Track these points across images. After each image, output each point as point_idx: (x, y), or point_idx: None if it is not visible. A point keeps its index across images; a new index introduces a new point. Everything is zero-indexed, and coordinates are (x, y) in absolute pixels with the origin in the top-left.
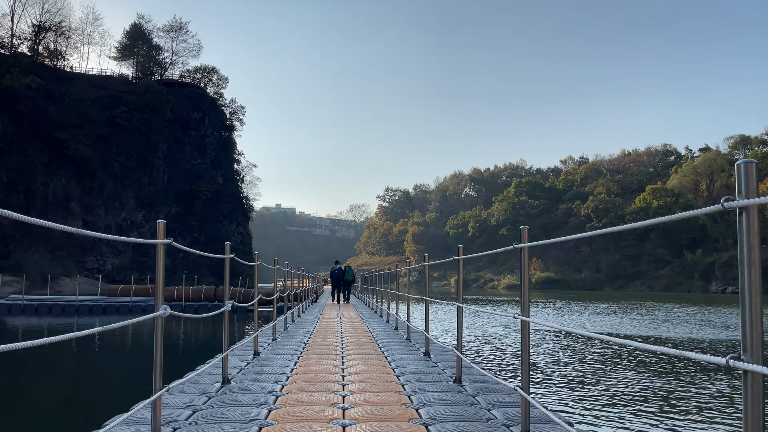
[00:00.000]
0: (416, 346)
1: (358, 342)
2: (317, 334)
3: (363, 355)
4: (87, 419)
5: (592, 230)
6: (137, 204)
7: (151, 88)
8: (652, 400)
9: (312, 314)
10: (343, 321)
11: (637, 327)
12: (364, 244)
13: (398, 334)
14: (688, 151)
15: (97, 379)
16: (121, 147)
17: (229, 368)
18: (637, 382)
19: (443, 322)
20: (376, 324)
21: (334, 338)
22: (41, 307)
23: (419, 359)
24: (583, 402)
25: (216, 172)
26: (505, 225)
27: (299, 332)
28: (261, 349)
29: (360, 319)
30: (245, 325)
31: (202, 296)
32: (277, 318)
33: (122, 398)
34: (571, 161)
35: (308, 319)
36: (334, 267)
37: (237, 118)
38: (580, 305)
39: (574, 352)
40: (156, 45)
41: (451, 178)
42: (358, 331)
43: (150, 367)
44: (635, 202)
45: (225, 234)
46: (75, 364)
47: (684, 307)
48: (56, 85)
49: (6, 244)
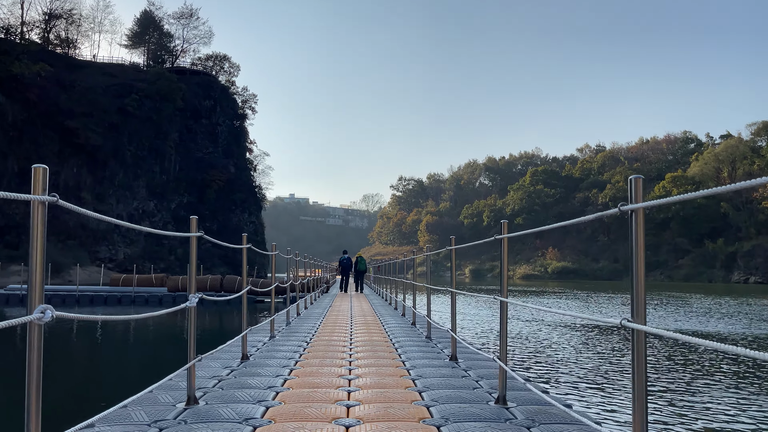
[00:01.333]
0: (438, 347)
1: (370, 341)
2: (323, 330)
3: (375, 360)
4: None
5: (609, 219)
6: (149, 193)
7: (161, 76)
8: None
9: (320, 306)
10: (354, 314)
11: (682, 321)
12: (377, 233)
13: (416, 331)
14: (709, 138)
15: (111, 364)
16: (133, 135)
17: (207, 378)
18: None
19: (464, 316)
20: (390, 318)
21: (342, 336)
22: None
23: (444, 365)
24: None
25: (228, 161)
26: (521, 214)
27: (303, 327)
28: (253, 350)
29: (372, 312)
30: (257, 314)
31: (207, 286)
32: (280, 311)
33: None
34: (588, 149)
35: (315, 312)
36: (343, 257)
37: (249, 106)
38: (603, 296)
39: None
40: (167, 32)
41: (465, 167)
42: (370, 327)
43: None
44: (654, 191)
45: (237, 223)
46: (79, 351)
47: (715, 298)
48: (67, 74)
49: (17, 233)
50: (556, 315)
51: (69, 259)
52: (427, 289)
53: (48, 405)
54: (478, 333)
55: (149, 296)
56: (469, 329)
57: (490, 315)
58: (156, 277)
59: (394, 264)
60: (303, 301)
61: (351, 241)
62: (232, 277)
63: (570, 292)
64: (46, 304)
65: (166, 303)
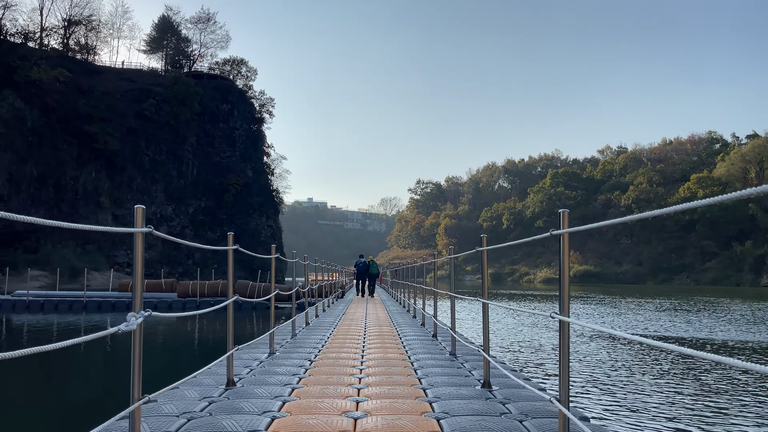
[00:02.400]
0: (466, 367)
1: (384, 359)
2: (332, 344)
3: (389, 388)
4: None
5: (632, 221)
6: (167, 197)
7: (179, 80)
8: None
9: (333, 314)
10: (368, 323)
11: (725, 331)
12: (395, 237)
13: (438, 345)
14: (735, 138)
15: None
16: (150, 140)
17: (172, 416)
18: (698, 394)
19: (492, 325)
20: (408, 329)
21: (353, 352)
22: (47, 304)
23: (476, 395)
24: (632, 417)
25: (245, 165)
26: (541, 217)
27: (310, 340)
28: (245, 373)
29: (389, 321)
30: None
31: (219, 291)
32: (285, 321)
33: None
34: (609, 151)
35: (326, 321)
36: (359, 261)
37: (266, 110)
38: (631, 302)
39: (622, 357)
40: (185, 37)
41: (484, 170)
42: (386, 340)
43: None
44: (679, 192)
45: (255, 227)
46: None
47: (750, 303)
48: (85, 79)
49: (36, 238)
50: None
51: (87, 264)
52: (451, 298)
53: (116, 384)
54: (511, 349)
55: (158, 302)
56: (500, 346)
57: (528, 326)
58: (166, 282)
59: (413, 268)
60: (314, 309)
61: (369, 245)
62: (243, 282)
63: (598, 298)
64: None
65: (175, 309)
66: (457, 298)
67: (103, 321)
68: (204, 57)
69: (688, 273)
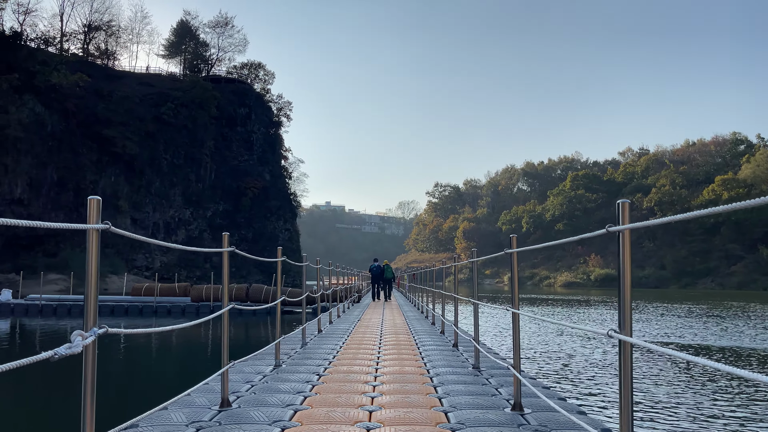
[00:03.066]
0: (491, 383)
1: (401, 374)
2: (344, 355)
3: (405, 411)
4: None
5: (653, 225)
6: (185, 201)
7: (196, 84)
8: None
9: (348, 320)
10: (384, 330)
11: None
12: (413, 241)
13: (459, 357)
14: (760, 139)
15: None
16: (169, 144)
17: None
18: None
19: (501, 330)
20: (427, 338)
21: (366, 365)
22: (60, 308)
23: (506, 420)
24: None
25: (263, 169)
26: (561, 220)
27: (321, 351)
28: (245, 390)
29: (406, 329)
30: (284, 326)
31: (233, 296)
32: (298, 327)
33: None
34: (630, 153)
35: (340, 328)
36: (373, 265)
37: (284, 113)
38: (672, 308)
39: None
40: (203, 41)
41: (503, 173)
42: (402, 351)
43: None
44: (703, 194)
45: (272, 231)
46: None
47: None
48: (105, 83)
49: (56, 242)
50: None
51: (106, 267)
52: (474, 306)
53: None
54: (536, 362)
55: (171, 306)
56: None
57: (554, 335)
58: (179, 286)
59: (431, 271)
60: (328, 314)
61: (387, 248)
62: (258, 286)
63: None
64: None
65: (189, 314)
66: (481, 305)
67: (115, 325)
68: (222, 61)
69: (712, 277)
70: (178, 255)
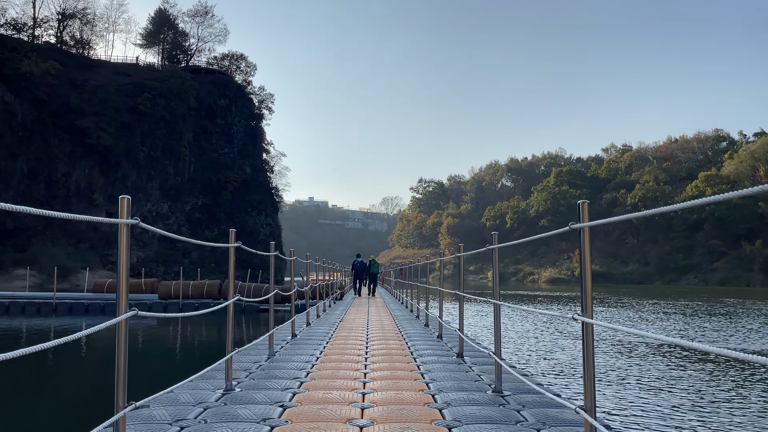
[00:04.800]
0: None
1: (397, 401)
2: (322, 371)
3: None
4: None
5: (639, 220)
6: (163, 195)
7: (174, 74)
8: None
9: (328, 321)
10: (370, 334)
11: None
12: (397, 236)
13: (465, 371)
14: (742, 136)
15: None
16: (146, 136)
17: None
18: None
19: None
20: (422, 343)
21: (350, 385)
22: (12, 306)
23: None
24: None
25: (244, 162)
26: (546, 215)
27: (291, 364)
28: (191, 417)
29: (395, 331)
30: (260, 327)
31: (204, 293)
32: (276, 326)
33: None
34: (614, 149)
35: (319, 331)
36: (356, 261)
37: (266, 106)
38: (648, 303)
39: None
40: (182, 31)
41: (486, 169)
42: (395, 360)
43: None
44: (687, 190)
45: (254, 226)
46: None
47: None
48: (79, 73)
49: (27, 236)
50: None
51: (78, 263)
52: (459, 299)
53: (106, 390)
54: (520, 354)
55: (136, 304)
56: (510, 351)
57: (538, 329)
58: (146, 282)
59: (420, 267)
60: (306, 315)
61: (371, 244)
62: (235, 282)
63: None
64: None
65: (156, 312)
66: (467, 298)
67: (75, 325)
68: (202, 52)
69: (696, 273)
70: (155, 250)
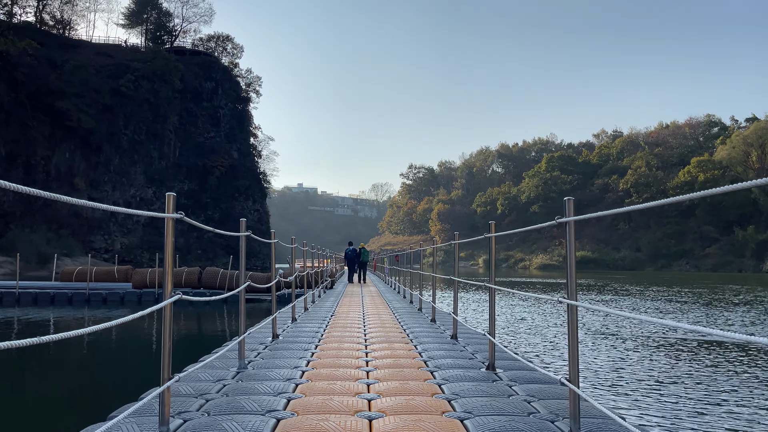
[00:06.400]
0: (446, 332)
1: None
2: (309, 399)
3: None
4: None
5: (632, 205)
6: (147, 180)
7: (158, 55)
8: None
9: (317, 317)
10: (368, 331)
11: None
12: (387, 223)
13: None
14: (734, 121)
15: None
16: (129, 119)
17: None
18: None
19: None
20: (428, 339)
21: (352, 417)
22: (6, 296)
23: None
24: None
25: (231, 146)
26: (537, 202)
27: (267, 384)
28: None
29: (396, 325)
30: (251, 317)
31: (183, 281)
32: (260, 321)
33: None
34: (605, 135)
35: (307, 329)
36: (348, 248)
37: (253, 89)
38: (638, 289)
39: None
40: (166, 11)
41: (477, 155)
42: (405, 374)
43: None
44: (679, 176)
45: (241, 211)
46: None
47: None
48: (59, 53)
49: (5, 222)
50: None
51: (59, 249)
52: (490, 291)
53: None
54: (515, 336)
55: (108, 294)
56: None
57: (530, 314)
58: (119, 269)
59: (414, 254)
60: (291, 309)
61: (360, 231)
62: (213, 269)
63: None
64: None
65: (129, 302)
66: (461, 285)
67: (39, 318)
68: (187, 33)
69: (687, 259)
70: (140, 236)
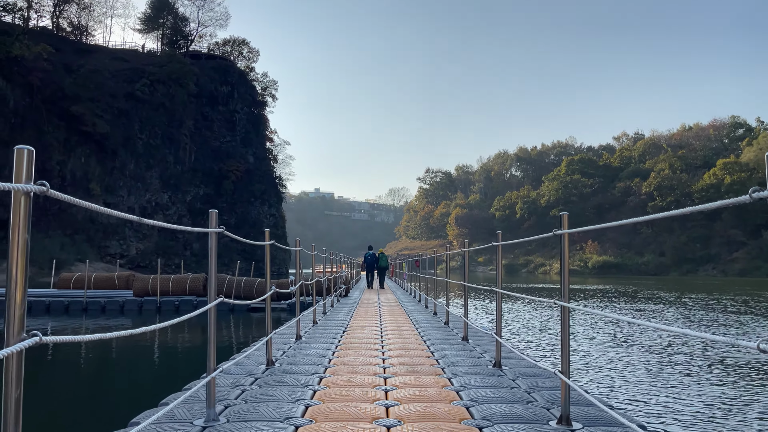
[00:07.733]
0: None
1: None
2: None
3: None
4: None
5: (654, 209)
6: (162, 184)
7: (173, 59)
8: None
9: (328, 333)
10: (387, 349)
11: None
12: (404, 228)
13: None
14: (760, 122)
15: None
16: (144, 123)
17: None
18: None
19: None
20: (462, 365)
21: None
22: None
23: None
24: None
25: (246, 150)
26: (557, 205)
27: (259, 424)
28: None
29: (420, 345)
30: (252, 329)
31: (187, 289)
32: (270, 332)
33: None
34: (626, 138)
35: (313, 349)
36: (368, 253)
37: (269, 93)
38: (672, 296)
39: None
40: (182, 15)
41: (495, 158)
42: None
43: None
44: (704, 178)
45: (257, 216)
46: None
47: None
48: (74, 58)
49: None
50: None
51: (74, 254)
52: (497, 294)
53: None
54: None
55: (107, 302)
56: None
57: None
58: (120, 276)
59: (433, 259)
60: (296, 325)
61: (377, 236)
62: (220, 276)
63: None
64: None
65: (129, 312)
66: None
67: (34, 327)
68: (203, 37)
69: (714, 264)
70: (155, 242)
